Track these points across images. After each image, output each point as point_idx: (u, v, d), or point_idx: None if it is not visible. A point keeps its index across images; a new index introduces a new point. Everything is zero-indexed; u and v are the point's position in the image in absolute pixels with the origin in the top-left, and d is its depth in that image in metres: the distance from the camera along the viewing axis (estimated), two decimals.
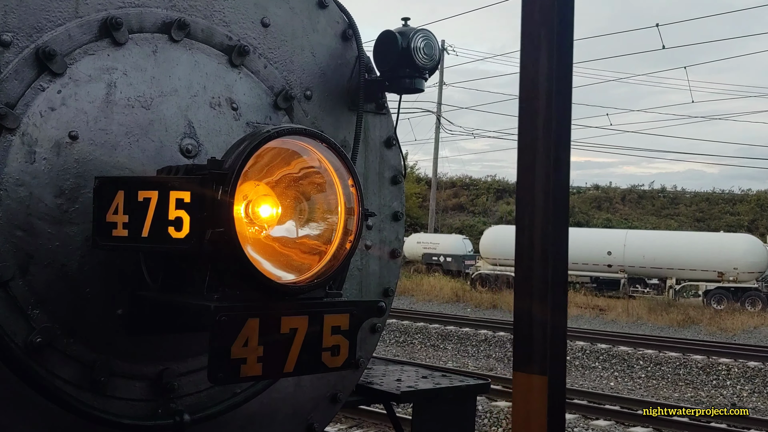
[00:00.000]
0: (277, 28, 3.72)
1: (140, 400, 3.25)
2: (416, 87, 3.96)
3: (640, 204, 68.63)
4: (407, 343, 22.37)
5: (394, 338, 22.83)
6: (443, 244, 49.43)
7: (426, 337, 22.92)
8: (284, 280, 2.74)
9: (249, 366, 2.60)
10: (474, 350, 21.40)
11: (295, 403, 3.84)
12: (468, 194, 73.31)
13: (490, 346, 21.47)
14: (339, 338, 2.82)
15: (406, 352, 20.96)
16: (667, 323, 28.53)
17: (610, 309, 31.57)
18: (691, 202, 67.24)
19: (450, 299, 35.36)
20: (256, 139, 2.60)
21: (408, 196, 60.91)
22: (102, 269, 3.07)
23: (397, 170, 4.28)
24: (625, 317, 29.92)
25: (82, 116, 3.04)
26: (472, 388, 4.55)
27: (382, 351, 19.91)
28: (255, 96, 3.59)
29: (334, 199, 2.88)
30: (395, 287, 4.30)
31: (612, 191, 71.65)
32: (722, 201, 66.43)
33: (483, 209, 69.78)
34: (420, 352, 21.25)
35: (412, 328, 23.91)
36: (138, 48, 3.23)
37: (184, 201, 2.64)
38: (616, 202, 69.26)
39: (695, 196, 68.92)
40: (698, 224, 60.03)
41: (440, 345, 22.18)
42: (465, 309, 32.62)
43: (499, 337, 21.98)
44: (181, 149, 3.29)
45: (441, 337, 22.91)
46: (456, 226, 64.18)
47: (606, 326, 27.62)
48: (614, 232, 41.94)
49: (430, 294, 36.40)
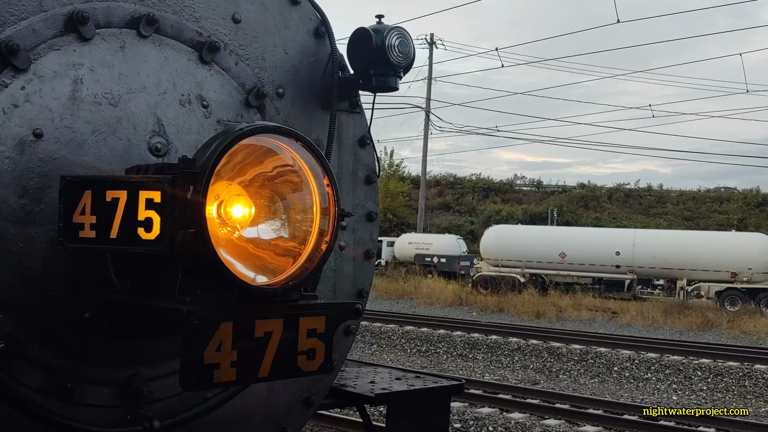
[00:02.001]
0: (249, 25, 3.64)
1: (109, 407, 3.16)
2: (391, 85, 3.91)
3: (627, 203, 68.80)
4: (431, 353, 20.45)
5: (416, 347, 20.96)
6: (437, 245, 48.34)
7: (451, 346, 20.86)
8: (258, 282, 2.67)
9: (222, 371, 2.52)
10: (508, 360, 19.44)
11: (268, 407, 3.77)
12: (453, 193, 72.74)
13: (525, 356, 19.63)
14: (315, 341, 2.76)
15: (433, 363, 18.91)
16: (685, 326, 26.94)
17: (623, 312, 29.96)
18: (677, 201, 67.50)
19: (453, 302, 33.63)
20: (229, 137, 2.53)
21: (394, 195, 59.74)
22: (68, 272, 2.97)
23: (371, 170, 4.23)
24: (640, 321, 28.36)
25: (46, 113, 2.94)
26: (446, 389, 4.51)
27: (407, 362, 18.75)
28: (226, 93, 3.51)
29: (309, 199, 2.81)
30: (369, 288, 4.25)
31: (598, 190, 71.73)
32: (709, 200, 66.74)
33: (469, 208, 69.29)
34: (447, 363, 19.18)
35: (434, 336, 21.77)
36: (105, 43, 3.13)
37: (155, 201, 2.55)
38: (603, 201, 69.35)
39: (681, 194, 69.26)
40: (687, 223, 60.05)
41: (468, 354, 20.16)
42: (470, 313, 30.70)
43: (533, 346, 20.16)
44: (150, 148, 3.20)
45: (468, 345, 20.83)
46: (443, 225, 63.61)
47: (622, 330, 26.02)
48: (623, 231, 40.46)
49: (431, 297, 34.67)
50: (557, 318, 29.24)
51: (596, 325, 27.54)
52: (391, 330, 22.97)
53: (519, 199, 71.69)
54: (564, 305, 31.29)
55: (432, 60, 55.13)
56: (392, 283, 39.48)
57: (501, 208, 66.93)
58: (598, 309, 30.91)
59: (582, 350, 19.48)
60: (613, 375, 17.66)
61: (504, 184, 75.47)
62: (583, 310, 30.70)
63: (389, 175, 65.77)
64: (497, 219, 60.93)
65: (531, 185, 76.31)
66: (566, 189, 72.78)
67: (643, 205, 67.76)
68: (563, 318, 29.36)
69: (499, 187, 74.58)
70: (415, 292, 36.34)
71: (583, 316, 29.83)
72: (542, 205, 67.94)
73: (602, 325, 27.68)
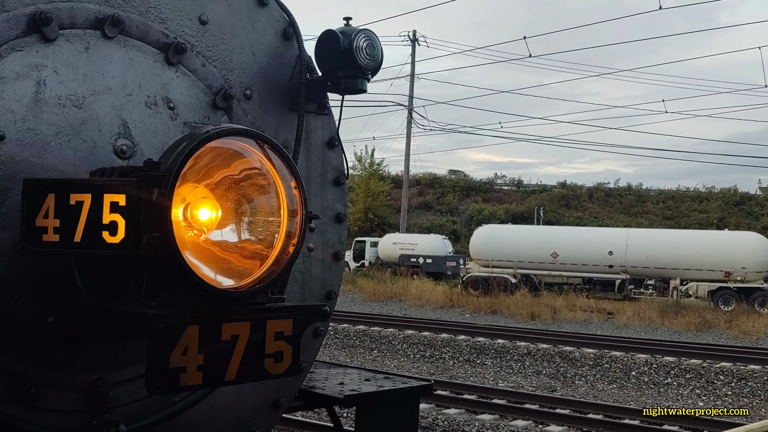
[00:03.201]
0: (216, 26, 3.62)
1: (74, 412, 3.11)
2: (359, 87, 3.91)
3: (608, 202, 68.92)
4: (436, 358, 19.78)
5: (420, 352, 20.28)
6: (422, 245, 47.40)
7: (457, 351, 20.10)
8: (224, 285, 2.65)
9: (188, 375, 2.51)
10: (518, 366, 18.72)
11: (236, 410, 3.75)
12: (434, 192, 72.20)
13: (536, 361, 18.92)
14: (282, 344, 2.76)
15: (440, 370, 18.41)
16: (682, 327, 26.65)
17: (618, 312, 29.76)
18: (657, 200, 67.80)
19: (444, 304, 33.12)
20: (196, 140, 2.52)
21: (375, 195, 59.03)
22: (31, 276, 2.93)
23: (339, 171, 4.23)
24: (636, 321, 28.03)
25: (9, 115, 2.89)
26: (415, 390, 4.53)
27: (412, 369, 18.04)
28: (192, 95, 3.49)
29: (276, 201, 2.80)
30: (338, 290, 4.25)
31: (578, 189, 71.79)
32: (688, 199, 67.25)
33: (450, 208, 68.91)
34: (455, 369, 18.48)
35: (438, 340, 21.15)
36: (69, 44, 3.09)
37: (119, 204, 2.53)
38: (584, 200, 69.40)
39: (660, 193, 69.59)
40: (668, 222, 60.18)
41: (476, 360, 19.38)
42: (463, 315, 30.43)
43: (544, 350, 19.56)
44: (116, 150, 3.16)
45: (475, 350, 20.11)
46: (425, 225, 63.15)
47: (618, 331, 25.74)
48: (615, 231, 40.08)
49: (421, 299, 34.17)
50: (552, 319, 28.70)
51: (593, 327, 27.14)
52: (392, 335, 22.30)
53: (500, 198, 71.48)
54: (558, 306, 30.85)
55: (415, 57, 54.73)
56: (380, 284, 38.71)
57: (483, 207, 66.59)
58: (593, 310, 30.59)
59: (596, 354, 18.85)
60: (631, 380, 17.04)
61: (484, 184, 75.25)
62: (577, 311, 30.25)
63: (370, 174, 65.25)
64: (479, 219, 60.72)
65: (511, 185, 76.09)
66: (547, 188, 72.69)
67: (623, 204, 67.95)
68: (558, 319, 28.83)
69: (480, 187, 74.28)
70: (403, 294, 35.73)
71: (578, 317, 29.32)
72: (523, 204, 67.85)
73: (599, 326, 27.24)
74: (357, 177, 64.60)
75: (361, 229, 60.97)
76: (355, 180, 64.23)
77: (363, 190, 63.36)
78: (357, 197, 62.61)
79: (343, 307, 31.90)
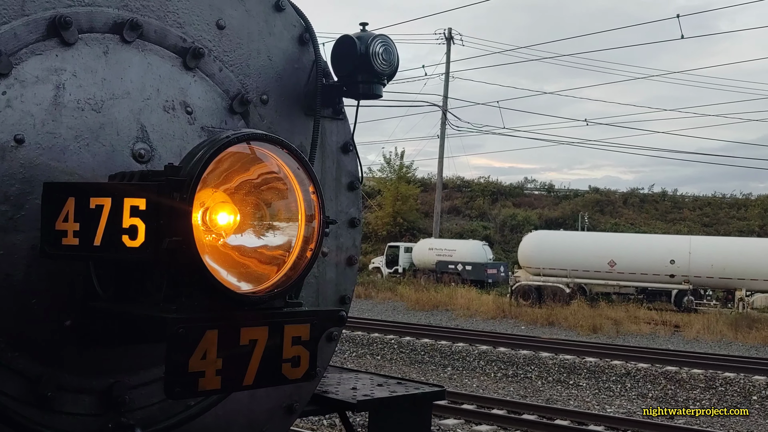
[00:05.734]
0: (233, 31, 3.63)
1: (89, 415, 3.12)
2: (374, 93, 3.91)
3: (643, 208, 66.46)
4: (521, 377, 17.87)
5: (500, 370, 18.36)
6: (461, 251, 44.85)
7: (543, 369, 18.19)
8: (243, 290, 2.66)
9: (207, 379, 2.50)
10: (619, 388, 16.42)
11: (250, 414, 3.75)
12: (462, 196, 69.71)
13: (637, 382, 16.74)
14: (299, 349, 2.75)
15: (529, 392, 16.44)
16: (760, 342, 24.70)
17: (685, 325, 27.85)
18: (693, 206, 65.54)
19: (495, 315, 31.02)
20: (216, 145, 2.52)
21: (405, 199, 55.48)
22: (49, 279, 2.93)
23: (353, 176, 4.23)
24: (707, 335, 25.98)
25: (28, 119, 2.90)
26: (428, 395, 4.52)
27: (499, 390, 16.27)
28: (210, 100, 3.50)
29: (294, 206, 2.80)
30: (352, 294, 4.25)
31: (612, 194, 69.23)
32: (725, 205, 65.06)
33: (479, 213, 66.42)
34: (546, 391, 16.45)
35: (519, 358, 19.32)
36: (88, 48, 3.10)
37: (140, 208, 2.53)
38: (619, 206, 66.82)
39: (696, 200, 67.24)
40: (707, 229, 57.77)
41: (567, 380, 17.35)
42: (518, 326, 28.43)
43: (644, 370, 17.39)
44: (134, 154, 3.17)
45: (564, 369, 18.14)
46: (455, 231, 60.52)
47: (690, 346, 23.76)
48: (677, 238, 37.28)
49: (469, 309, 32.06)
50: (617, 332, 26.70)
51: (660, 341, 25.17)
52: (464, 350, 20.38)
53: (531, 203, 68.79)
54: (618, 318, 28.83)
55: (449, 56, 52.30)
56: (422, 293, 36.79)
57: (515, 212, 63.89)
58: (657, 322, 28.70)
59: (706, 375, 17.01)
60: (755, 406, 14.87)
61: (514, 188, 72.41)
62: (641, 324, 28.37)
63: (399, 177, 62.39)
64: (513, 224, 58.88)
65: (542, 189, 73.56)
66: (578, 193, 69.92)
67: (659, 211, 65.50)
68: (623, 332, 26.83)
69: (509, 191, 71.29)
70: (450, 303, 33.69)
71: (643, 330, 27.45)
72: (556, 210, 65.48)
73: (667, 340, 25.29)
74: (386, 180, 62.26)
75: (390, 233, 58.69)
76: (384, 183, 62.09)
77: (392, 193, 60.73)
78: (386, 201, 60.75)
79: (385, 316, 30.83)
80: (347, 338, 22.14)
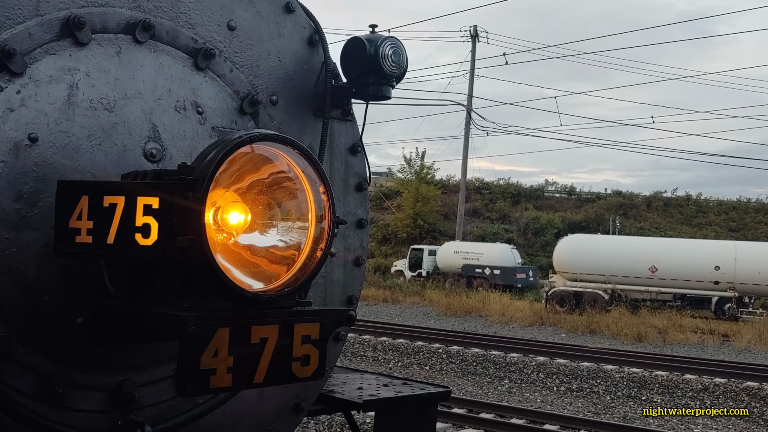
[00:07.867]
0: (244, 32, 3.66)
1: (99, 412, 3.15)
2: (383, 94, 3.94)
3: (667, 212, 64.74)
4: (588, 392, 16.27)
5: (564, 384, 16.91)
6: (488, 255, 43.25)
7: (611, 384, 16.74)
8: (254, 288, 2.68)
9: (218, 377, 2.53)
10: (697, 404, 14.85)
11: (257, 413, 3.77)
12: (482, 199, 67.70)
13: (716, 399, 15.31)
14: (309, 348, 2.78)
15: (598, 407, 14.91)
16: None
17: (734, 335, 26.42)
18: (719, 211, 63.84)
19: (532, 321, 29.53)
20: (229, 145, 2.54)
21: (425, 200, 51.80)
22: (61, 277, 2.96)
23: (361, 177, 4.26)
24: (759, 345, 24.46)
25: (42, 118, 2.94)
26: (434, 396, 4.54)
27: (568, 407, 14.59)
28: (220, 100, 3.53)
29: (304, 206, 2.83)
30: (359, 295, 4.27)
31: (635, 198, 67.45)
32: (751, 210, 63.63)
33: (500, 215, 64.41)
34: (617, 408, 14.86)
35: (582, 369, 17.86)
36: (101, 49, 3.13)
37: (153, 207, 2.56)
38: (642, 209, 65.02)
39: (720, 204, 65.53)
40: (734, 234, 55.51)
41: (641, 396, 15.80)
42: (557, 334, 27.03)
43: (724, 386, 16.04)
44: (145, 153, 3.20)
45: (636, 384, 16.68)
46: (476, 233, 58.65)
47: (743, 356, 22.30)
48: (721, 243, 35.53)
49: (504, 315, 30.57)
50: (664, 342, 25.44)
51: (710, 351, 23.76)
52: (520, 361, 18.95)
53: (552, 206, 66.68)
54: (663, 326, 27.64)
55: (475, 54, 50.74)
56: (453, 297, 35.33)
57: (538, 215, 62.04)
58: (704, 331, 27.45)
59: None
60: None
61: (535, 191, 70.40)
62: (687, 333, 27.13)
63: (420, 178, 60.42)
64: (536, 227, 57.52)
65: (563, 192, 71.90)
66: (600, 197, 68.14)
67: (684, 215, 63.79)
68: (669, 341, 25.54)
69: (530, 194, 69.11)
70: (483, 309, 32.24)
71: (690, 339, 26.13)
72: (579, 213, 63.76)
73: (717, 350, 23.95)
74: (406, 181, 60.70)
75: (410, 236, 57.04)
76: (405, 184, 60.59)
77: (412, 194, 58.57)
78: (405, 202, 59.08)
79: (416, 321, 29.54)
80: (390, 347, 21.13)
